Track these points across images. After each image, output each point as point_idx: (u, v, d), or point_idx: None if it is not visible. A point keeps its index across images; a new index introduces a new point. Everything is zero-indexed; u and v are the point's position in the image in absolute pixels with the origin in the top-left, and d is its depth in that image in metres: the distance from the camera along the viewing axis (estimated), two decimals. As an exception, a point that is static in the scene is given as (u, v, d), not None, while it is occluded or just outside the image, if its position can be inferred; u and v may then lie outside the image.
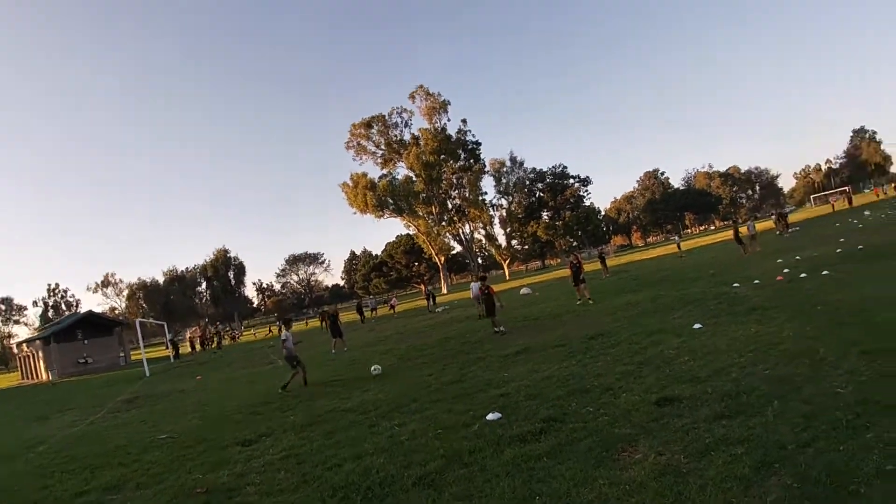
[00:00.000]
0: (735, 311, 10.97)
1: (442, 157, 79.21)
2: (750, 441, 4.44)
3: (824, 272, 13.54)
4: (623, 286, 21.53)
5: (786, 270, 15.43)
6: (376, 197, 75.51)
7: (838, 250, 18.20)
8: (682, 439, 4.76)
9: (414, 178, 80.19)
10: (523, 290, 33.90)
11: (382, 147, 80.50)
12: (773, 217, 26.84)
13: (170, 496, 6.00)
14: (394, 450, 6.04)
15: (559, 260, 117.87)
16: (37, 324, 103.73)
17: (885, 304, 8.66)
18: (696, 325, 10.04)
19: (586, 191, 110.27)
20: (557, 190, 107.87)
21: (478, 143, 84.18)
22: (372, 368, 12.29)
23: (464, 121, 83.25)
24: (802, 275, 13.92)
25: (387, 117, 79.79)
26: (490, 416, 6.49)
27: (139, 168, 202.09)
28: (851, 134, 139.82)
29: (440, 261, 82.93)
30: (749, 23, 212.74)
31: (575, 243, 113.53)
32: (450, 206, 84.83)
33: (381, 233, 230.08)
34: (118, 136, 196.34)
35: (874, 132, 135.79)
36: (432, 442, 6.03)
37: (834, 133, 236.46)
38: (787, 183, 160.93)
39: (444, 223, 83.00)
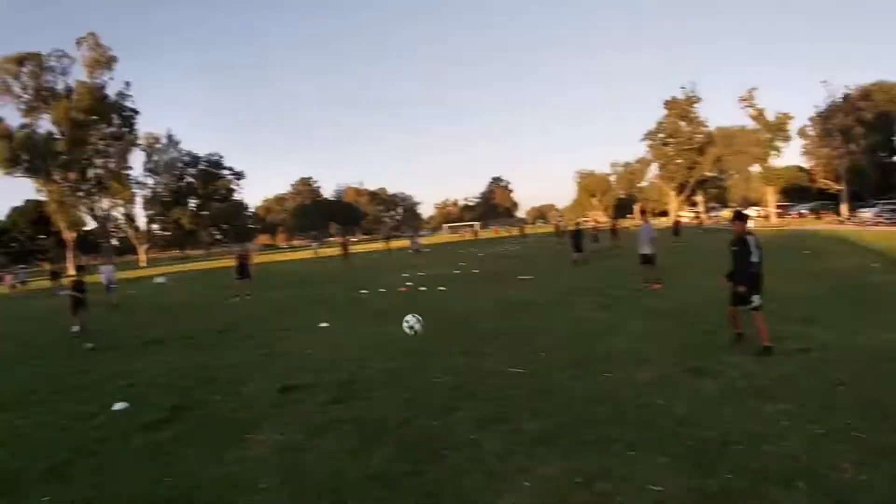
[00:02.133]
0: (363, 313, 12.30)
1: (94, 117, 66.94)
2: (358, 421, 5.20)
3: (440, 287, 16.12)
4: (263, 285, 21.72)
5: (409, 283, 17.86)
6: (11, 150, 59.61)
7: (455, 271, 21.84)
8: (300, 421, 5.31)
9: (57, 136, 65.71)
10: (158, 279, 31.93)
11: (30, 92, 63.98)
12: (411, 238, 31.58)
13: None
14: (16, 444, 5.52)
15: (201, 251, 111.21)
16: None
17: (487, 315, 10.65)
18: (323, 324, 10.93)
19: (238, 185, 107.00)
20: (209, 179, 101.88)
21: (135, 112, 73.48)
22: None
23: (127, 83, 71.71)
24: (422, 287, 16.36)
25: (44, 58, 64.00)
26: (117, 406, 6.31)
27: None
28: (490, 180, 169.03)
29: (70, 237, 69.50)
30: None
31: (218, 236, 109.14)
32: (90, 175, 71.95)
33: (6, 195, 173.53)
34: None
35: (508, 182, 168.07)
36: (58, 434, 5.67)
37: (478, 178, 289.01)
38: (426, 210, 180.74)
39: (80, 194, 69.93)
